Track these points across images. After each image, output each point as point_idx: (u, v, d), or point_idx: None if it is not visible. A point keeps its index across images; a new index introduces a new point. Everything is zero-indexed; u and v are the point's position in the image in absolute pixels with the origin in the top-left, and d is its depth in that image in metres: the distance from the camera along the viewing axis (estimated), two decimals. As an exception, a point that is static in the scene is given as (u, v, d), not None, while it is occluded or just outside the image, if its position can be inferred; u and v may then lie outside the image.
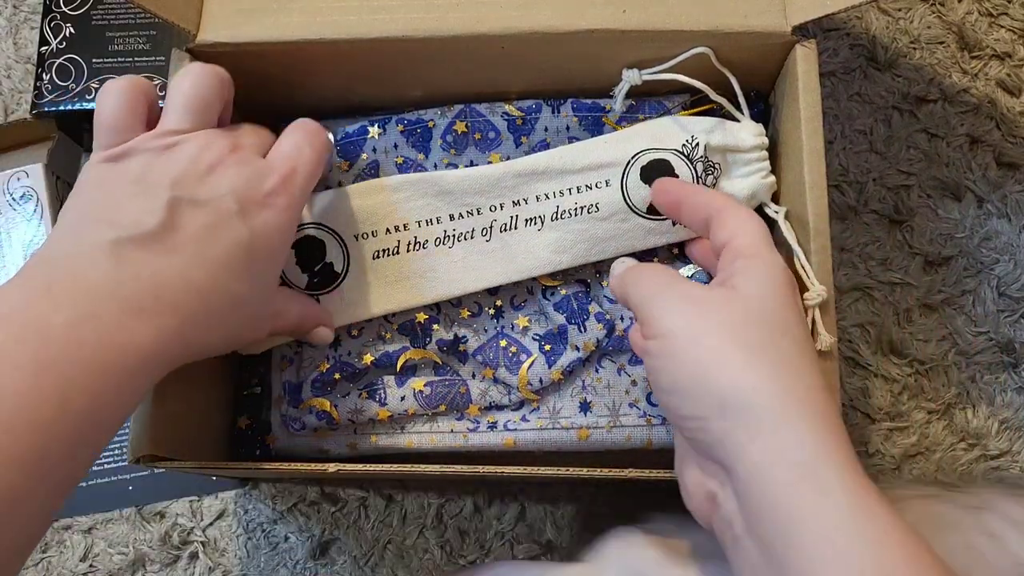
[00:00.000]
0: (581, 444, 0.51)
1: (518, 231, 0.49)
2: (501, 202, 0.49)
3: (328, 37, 0.48)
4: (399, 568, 0.55)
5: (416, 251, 0.48)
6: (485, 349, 0.51)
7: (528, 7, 0.48)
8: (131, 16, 0.62)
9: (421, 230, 0.48)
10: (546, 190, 0.48)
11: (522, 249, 0.49)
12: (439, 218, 0.48)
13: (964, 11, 0.64)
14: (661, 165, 0.48)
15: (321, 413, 0.50)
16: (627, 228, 0.48)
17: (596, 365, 0.52)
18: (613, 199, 0.48)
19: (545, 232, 0.48)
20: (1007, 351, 0.58)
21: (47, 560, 0.55)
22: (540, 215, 0.48)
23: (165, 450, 0.43)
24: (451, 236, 0.49)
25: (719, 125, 0.49)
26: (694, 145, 0.48)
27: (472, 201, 0.48)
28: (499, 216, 0.49)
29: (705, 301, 0.37)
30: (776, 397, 0.33)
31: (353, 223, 0.48)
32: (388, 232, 0.48)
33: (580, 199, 0.48)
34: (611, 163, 0.48)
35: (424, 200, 0.48)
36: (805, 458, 0.32)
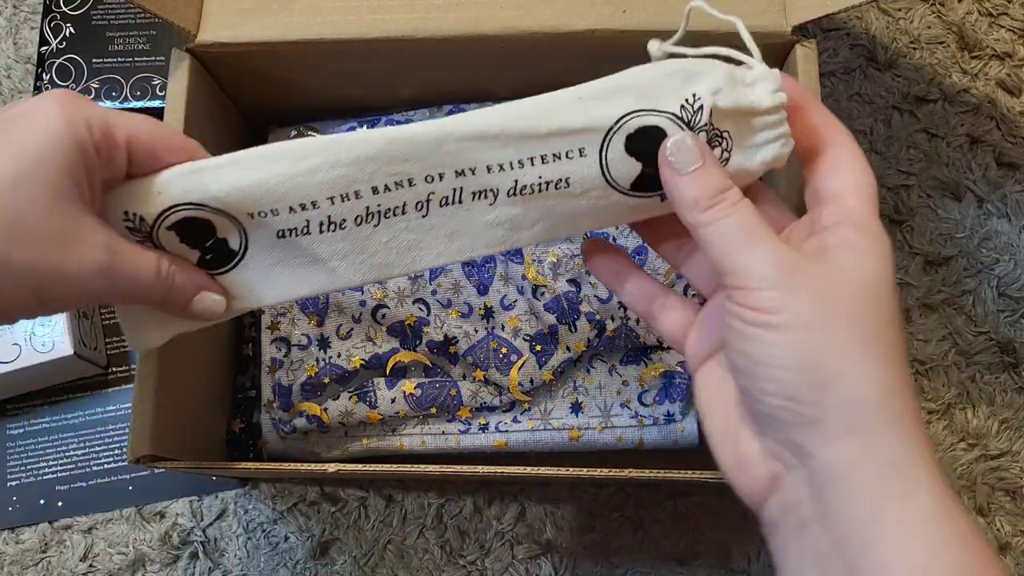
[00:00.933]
0: (572, 445, 0.51)
1: (463, 205, 0.38)
2: (441, 172, 0.37)
3: (328, 37, 0.48)
4: (399, 568, 0.55)
5: (331, 231, 0.38)
6: (475, 350, 0.51)
7: (528, 7, 0.48)
8: (131, 16, 0.61)
9: (335, 207, 0.37)
10: (499, 159, 0.37)
11: (470, 225, 0.38)
12: (358, 192, 0.37)
13: (964, 11, 0.64)
14: (653, 134, 0.36)
15: (311, 417, 0.50)
16: (606, 205, 0.38)
17: (587, 365, 0.52)
18: (588, 173, 0.37)
19: (499, 207, 0.38)
20: (1007, 351, 0.58)
21: (47, 560, 0.55)
22: (492, 188, 0.37)
23: (165, 450, 0.43)
24: (375, 213, 0.38)
25: (727, 77, 0.37)
26: (696, 108, 0.36)
27: (401, 170, 0.37)
28: (438, 188, 0.38)
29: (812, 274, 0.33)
30: (880, 392, 0.32)
31: (245, 200, 0.37)
32: (292, 211, 0.37)
33: (545, 172, 0.37)
34: (587, 128, 0.37)
35: (337, 171, 0.37)
36: (896, 457, 0.31)
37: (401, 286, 0.52)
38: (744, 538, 0.55)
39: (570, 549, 0.55)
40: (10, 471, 0.57)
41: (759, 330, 0.33)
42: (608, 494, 0.56)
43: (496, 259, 0.53)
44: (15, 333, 0.54)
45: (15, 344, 0.54)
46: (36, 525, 0.56)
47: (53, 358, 0.54)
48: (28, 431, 0.58)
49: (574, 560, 0.55)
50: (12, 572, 0.55)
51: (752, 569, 0.54)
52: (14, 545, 0.56)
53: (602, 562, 0.55)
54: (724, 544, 0.55)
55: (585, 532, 0.55)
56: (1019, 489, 0.56)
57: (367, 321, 0.52)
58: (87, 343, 0.56)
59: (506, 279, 0.52)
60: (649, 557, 0.55)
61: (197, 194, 0.37)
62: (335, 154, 0.37)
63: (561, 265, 0.52)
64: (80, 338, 0.55)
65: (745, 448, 0.35)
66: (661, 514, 0.55)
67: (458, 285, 0.52)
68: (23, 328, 0.54)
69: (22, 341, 0.54)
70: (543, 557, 0.55)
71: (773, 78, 0.37)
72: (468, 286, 0.52)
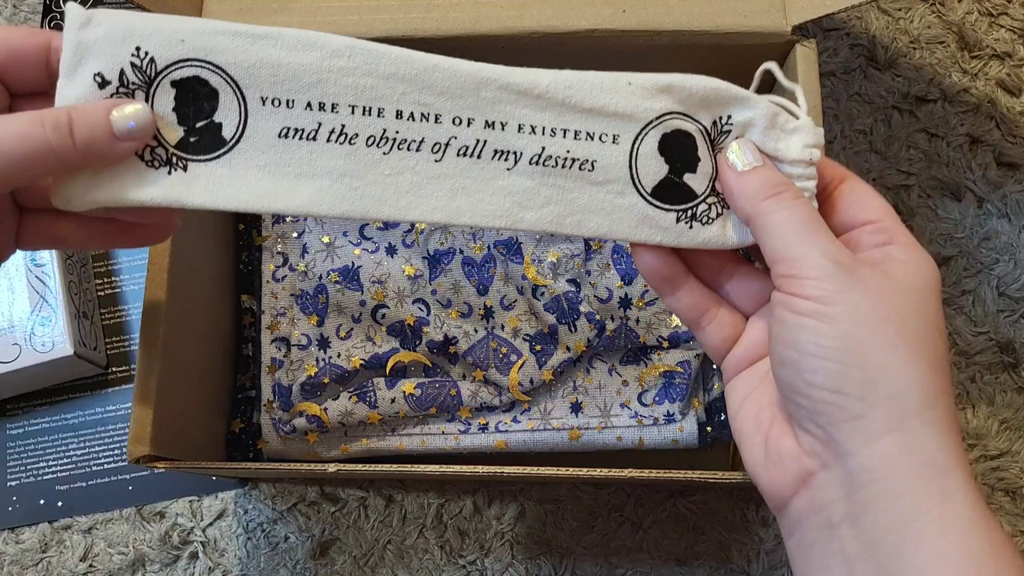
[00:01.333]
0: (572, 445, 0.51)
1: (481, 161, 0.36)
2: (470, 116, 0.36)
3: (328, 37, 0.48)
4: (399, 568, 0.55)
5: (339, 143, 0.35)
6: (475, 350, 0.51)
7: (528, 7, 0.48)
8: (131, 16, 0.61)
9: (353, 118, 0.35)
10: (535, 121, 0.36)
11: (480, 187, 0.36)
12: (382, 110, 0.35)
13: (964, 11, 0.64)
14: (685, 141, 0.37)
15: (311, 417, 0.50)
16: (619, 206, 0.37)
17: (587, 366, 0.52)
18: (616, 162, 0.36)
19: (516, 175, 0.36)
20: (1007, 351, 0.58)
21: (47, 560, 0.55)
22: (516, 151, 0.36)
23: (165, 450, 0.43)
24: (390, 139, 0.36)
25: (770, 119, 0.37)
26: (724, 130, 0.37)
27: (434, 102, 0.36)
28: (462, 134, 0.36)
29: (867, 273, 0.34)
30: (925, 394, 0.32)
31: (265, 80, 0.35)
32: (309, 107, 0.35)
33: (575, 148, 0.36)
34: (629, 115, 0.37)
35: (369, 80, 0.35)
36: (938, 459, 0.31)
37: (401, 286, 0.52)
38: (744, 538, 0.55)
39: (570, 549, 0.55)
40: (10, 471, 0.57)
41: (811, 320, 0.33)
42: (608, 494, 0.56)
43: (496, 259, 0.53)
44: (15, 333, 0.54)
45: (15, 344, 0.54)
46: (36, 525, 0.56)
47: (53, 358, 0.54)
48: (28, 431, 0.58)
49: (574, 560, 0.55)
50: (12, 572, 0.55)
51: (752, 569, 0.54)
52: (14, 545, 0.56)
53: (602, 562, 0.55)
54: (724, 544, 0.55)
55: (585, 532, 0.55)
56: (1019, 489, 0.56)
57: (367, 321, 0.52)
58: (87, 343, 0.56)
59: (506, 279, 0.52)
60: (649, 557, 0.55)
61: (222, 56, 0.35)
62: (373, 62, 0.35)
63: (561, 265, 0.52)
64: (80, 338, 0.55)
65: (776, 445, 0.35)
66: (661, 514, 0.55)
67: (458, 285, 0.52)
68: (23, 328, 0.55)
69: (22, 341, 0.54)
70: (543, 557, 0.55)
71: (814, 134, 0.37)
72: (468, 286, 0.52)
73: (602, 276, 0.53)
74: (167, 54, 0.34)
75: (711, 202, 0.37)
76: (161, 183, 0.34)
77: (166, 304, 0.44)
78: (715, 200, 0.37)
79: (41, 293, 0.55)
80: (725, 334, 0.38)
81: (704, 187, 0.37)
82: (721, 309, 0.38)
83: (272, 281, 0.53)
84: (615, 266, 0.53)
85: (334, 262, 0.53)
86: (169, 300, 0.44)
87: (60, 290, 0.55)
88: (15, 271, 0.56)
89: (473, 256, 0.52)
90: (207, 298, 0.51)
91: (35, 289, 0.55)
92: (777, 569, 0.54)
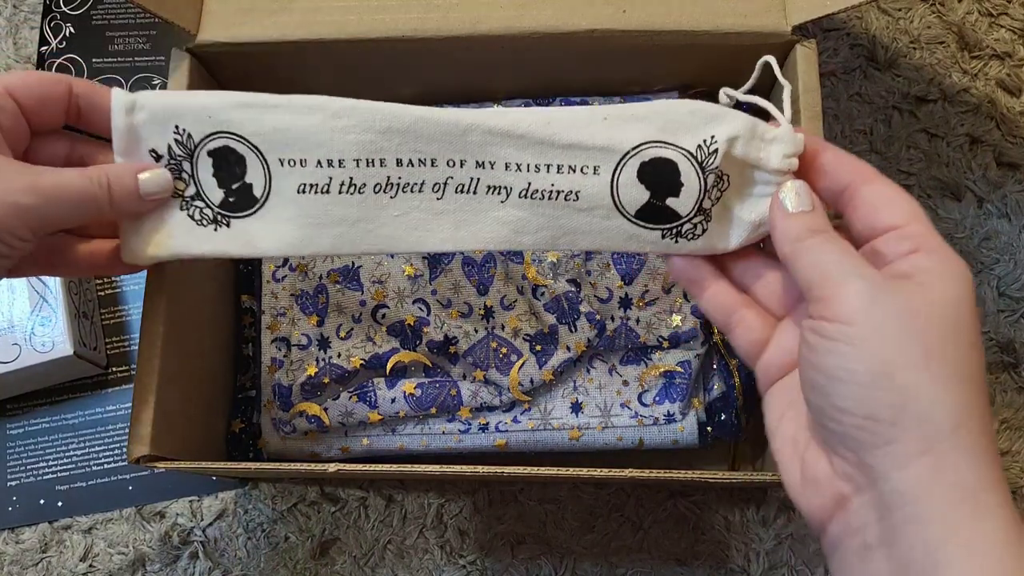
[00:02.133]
0: (572, 445, 0.51)
1: (476, 196, 0.40)
2: (462, 158, 0.39)
3: (328, 37, 0.48)
4: (399, 568, 0.55)
5: (350, 194, 0.39)
6: (476, 350, 0.51)
7: (528, 7, 0.48)
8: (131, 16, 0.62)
9: (359, 171, 0.39)
10: (519, 160, 0.39)
11: (478, 219, 0.40)
12: (383, 160, 0.39)
13: (964, 11, 0.64)
14: (665, 167, 0.38)
15: (311, 417, 0.50)
16: (607, 227, 0.39)
17: (587, 365, 0.52)
18: (598, 191, 0.38)
19: (509, 207, 0.39)
20: (1007, 351, 0.58)
21: (47, 560, 0.55)
22: (507, 186, 0.39)
23: (165, 450, 0.43)
24: (395, 185, 0.39)
25: (750, 131, 0.38)
26: (712, 150, 0.38)
27: (427, 149, 0.39)
28: (457, 174, 0.39)
29: (895, 291, 0.33)
30: (956, 414, 0.31)
31: (279, 143, 0.39)
32: (319, 165, 0.39)
33: (559, 181, 0.39)
34: (606, 148, 0.38)
35: (368, 136, 0.39)
36: (969, 481, 0.30)
37: (401, 286, 0.52)
38: (744, 538, 0.55)
39: (570, 549, 0.55)
40: (10, 471, 0.57)
41: (838, 344, 0.33)
42: (608, 494, 0.56)
43: (496, 259, 0.53)
44: (15, 333, 0.54)
45: (15, 344, 0.54)
46: (36, 525, 0.56)
47: (53, 358, 0.54)
48: (28, 431, 0.58)
49: (574, 560, 0.55)
50: (12, 572, 0.55)
51: (752, 569, 0.54)
52: (14, 545, 0.56)
53: (602, 562, 0.55)
54: (724, 544, 0.55)
55: (585, 532, 0.55)
56: (1019, 489, 0.56)
57: (367, 321, 0.52)
58: (87, 343, 0.56)
59: (506, 279, 0.53)
60: (649, 557, 0.55)
61: (243, 127, 0.40)
62: (369, 120, 0.39)
63: (561, 265, 0.52)
64: (80, 338, 0.55)
65: (812, 469, 0.34)
66: (661, 514, 0.55)
67: (458, 285, 0.52)
68: (23, 328, 0.54)
69: (22, 341, 0.54)
70: (543, 557, 0.55)
71: (792, 142, 0.38)
72: (468, 286, 0.52)
73: (602, 276, 0.53)
74: (200, 129, 0.40)
75: (696, 221, 0.39)
76: (210, 239, 0.41)
77: (166, 304, 0.44)
78: (701, 219, 0.39)
79: (41, 293, 0.55)
80: (754, 337, 0.38)
81: (690, 208, 0.38)
82: (750, 312, 0.38)
83: (272, 281, 0.53)
84: (615, 266, 0.53)
85: (334, 262, 0.53)
86: (169, 300, 0.44)
87: (60, 290, 0.55)
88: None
89: (473, 256, 0.52)
90: (207, 298, 0.51)
91: (35, 289, 0.55)
92: (777, 569, 0.54)
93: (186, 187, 0.41)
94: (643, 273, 0.52)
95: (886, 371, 0.32)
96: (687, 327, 0.51)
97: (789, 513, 0.55)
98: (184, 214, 0.41)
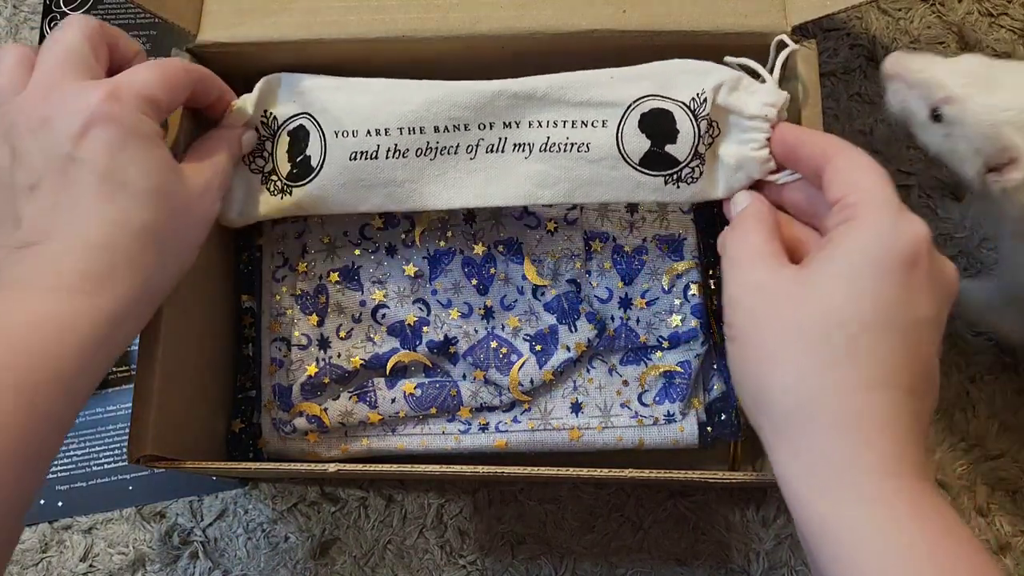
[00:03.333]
0: (573, 445, 0.51)
1: (504, 155, 0.46)
2: (492, 121, 0.46)
3: (328, 37, 0.48)
4: (399, 568, 0.55)
5: (395, 158, 0.45)
6: (476, 350, 0.51)
7: (528, 7, 0.48)
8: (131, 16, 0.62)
9: (403, 138, 0.45)
10: (540, 117, 0.45)
11: (506, 174, 0.46)
12: (423, 128, 0.45)
13: (964, 11, 0.64)
14: (663, 117, 0.44)
15: (311, 417, 0.50)
16: (615, 176, 0.45)
17: (587, 365, 0.52)
18: (606, 142, 0.45)
19: (532, 162, 0.45)
20: (1007, 352, 0.58)
21: (47, 560, 0.55)
22: (530, 142, 0.45)
23: (165, 450, 0.43)
24: (434, 148, 0.46)
25: (734, 82, 0.45)
26: (702, 100, 0.44)
27: (461, 115, 0.45)
28: (487, 136, 0.46)
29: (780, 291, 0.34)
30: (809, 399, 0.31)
31: (336, 118, 0.46)
32: (368, 134, 0.45)
33: (572, 135, 0.45)
34: (612, 103, 0.45)
35: (409, 107, 0.45)
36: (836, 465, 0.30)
37: (401, 286, 0.52)
38: (744, 538, 0.55)
39: (570, 549, 0.55)
40: (10, 471, 0.57)
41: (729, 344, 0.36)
42: (608, 494, 0.56)
43: (496, 259, 0.53)
44: (15, 333, 0.54)
45: (15, 344, 0.54)
46: (36, 525, 0.56)
47: (53, 358, 0.54)
48: (28, 431, 0.57)
49: (574, 560, 0.55)
50: (12, 572, 0.55)
51: (752, 569, 0.54)
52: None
53: (602, 562, 0.55)
54: (724, 544, 0.55)
55: (585, 532, 0.55)
56: (1019, 489, 0.56)
57: (367, 321, 0.52)
58: (87, 343, 0.56)
59: (506, 279, 0.53)
60: (649, 557, 0.55)
61: (315, 106, 0.47)
62: (410, 93, 0.46)
63: (561, 265, 0.52)
64: (80, 338, 0.55)
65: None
66: (661, 514, 0.55)
67: (458, 285, 0.52)
68: (23, 328, 0.54)
69: (22, 341, 0.54)
70: (543, 557, 0.55)
71: (772, 94, 0.44)
72: (468, 286, 0.52)
73: (602, 276, 0.53)
74: (285, 111, 0.48)
75: (693, 165, 0.45)
76: (279, 206, 0.48)
77: (166, 304, 0.44)
78: (697, 163, 0.45)
79: (41, 293, 0.55)
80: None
81: (686, 153, 0.45)
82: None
83: (272, 281, 0.53)
84: (615, 266, 0.53)
85: (334, 262, 0.53)
86: (169, 300, 0.44)
87: (60, 290, 0.55)
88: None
89: (473, 256, 0.52)
90: (207, 298, 0.51)
91: (35, 289, 0.55)
92: (777, 569, 0.54)
93: (265, 164, 0.48)
94: (643, 273, 0.52)
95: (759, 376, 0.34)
96: (687, 327, 0.52)
97: (789, 513, 0.55)
98: (264, 187, 0.48)
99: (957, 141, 0.45)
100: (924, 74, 0.45)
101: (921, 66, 0.46)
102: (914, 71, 0.46)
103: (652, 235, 0.52)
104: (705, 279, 0.52)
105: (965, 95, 0.44)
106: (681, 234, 0.52)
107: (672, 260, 0.52)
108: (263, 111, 0.48)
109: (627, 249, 0.53)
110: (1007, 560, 0.54)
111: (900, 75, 0.46)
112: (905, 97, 0.47)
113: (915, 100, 0.46)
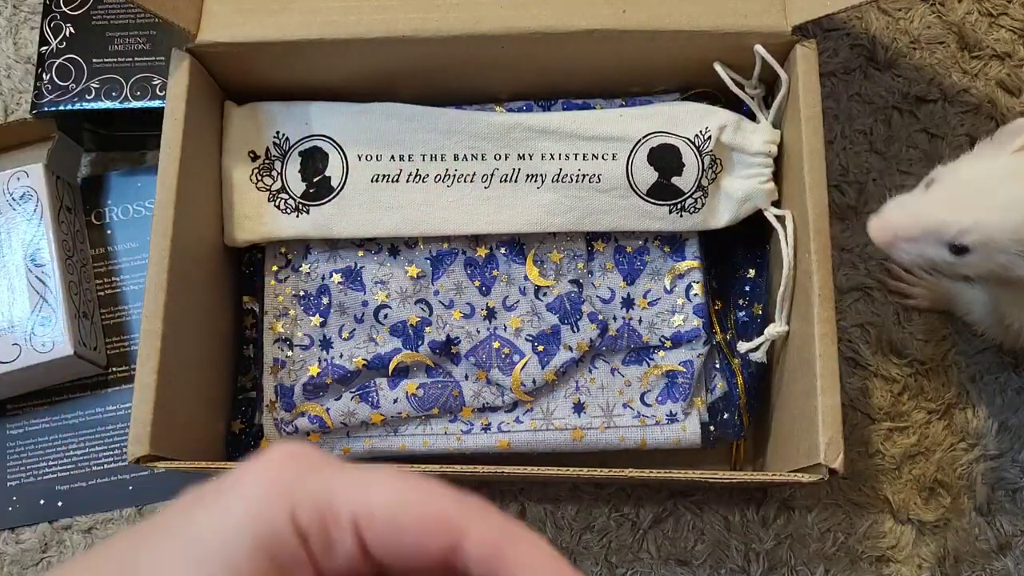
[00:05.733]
0: (575, 445, 0.51)
1: (517, 184, 0.49)
2: (507, 152, 0.49)
3: (328, 37, 0.48)
4: (399, 568, 0.55)
5: (415, 183, 0.49)
6: (478, 350, 0.51)
7: (528, 7, 0.48)
8: (131, 16, 0.61)
9: (424, 164, 0.49)
10: (553, 150, 0.49)
11: (518, 203, 0.49)
12: (443, 155, 0.49)
13: (964, 11, 0.64)
14: (670, 151, 0.49)
15: (313, 417, 0.50)
16: (624, 205, 0.49)
17: (590, 366, 0.52)
18: (616, 173, 0.49)
19: (544, 192, 0.49)
20: (1007, 352, 0.58)
21: (47, 560, 0.55)
22: (542, 173, 0.49)
23: (165, 450, 0.43)
24: (452, 176, 0.49)
25: (736, 123, 0.49)
26: (706, 137, 0.49)
27: (479, 146, 0.49)
28: (502, 166, 0.49)
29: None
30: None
31: (360, 142, 0.49)
32: (392, 159, 0.49)
33: (584, 166, 0.49)
34: (621, 137, 0.49)
35: (432, 135, 0.49)
36: None
37: (404, 287, 0.52)
38: (744, 538, 0.55)
39: (570, 549, 0.55)
40: (10, 471, 0.57)
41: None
42: (608, 494, 0.56)
43: (498, 260, 0.53)
44: (15, 333, 0.54)
45: (15, 344, 0.54)
46: (36, 525, 0.56)
47: (53, 358, 0.54)
48: (28, 431, 0.57)
49: (574, 560, 0.55)
50: (12, 572, 0.55)
51: (752, 569, 0.54)
52: (14, 545, 0.56)
53: (602, 562, 0.55)
54: (724, 544, 0.55)
55: (585, 532, 0.55)
56: (1019, 489, 0.56)
57: (369, 321, 0.52)
58: (87, 343, 0.56)
59: (508, 280, 0.53)
60: (649, 557, 0.55)
61: (332, 130, 0.50)
62: (433, 121, 0.49)
63: (563, 266, 0.52)
64: (80, 338, 0.55)
65: None
66: (661, 514, 0.55)
67: (460, 286, 0.52)
68: (23, 328, 0.54)
69: (22, 341, 0.54)
70: (543, 557, 0.55)
71: (770, 134, 0.49)
72: (471, 287, 0.52)
73: (604, 276, 0.53)
74: (297, 133, 0.50)
75: (696, 196, 0.50)
76: (293, 224, 0.50)
77: (166, 304, 0.44)
78: (700, 195, 0.50)
79: (41, 293, 0.55)
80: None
81: (691, 185, 0.49)
82: None
83: (275, 282, 0.53)
84: (617, 267, 0.53)
85: (337, 263, 0.53)
86: (169, 300, 0.44)
87: (60, 290, 0.55)
88: (15, 271, 0.56)
89: (475, 257, 0.52)
90: (207, 298, 0.51)
91: (35, 289, 0.55)
92: (777, 569, 0.54)
93: (273, 183, 0.50)
94: (645, 273, 0.52)
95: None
96: (689, 327, 0.52)
97: (789, 513, 0.55)
98: (272, 205, 0.50)
99: (997, 256, 0.42)
100: (918, 225, 0.43)
101: (902, 219, 0.43)
102: (905, 228, 0.43)
103: (654, 236, 0.52)
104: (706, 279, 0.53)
105: (973, 218, 0.41)
106: (683, 235, 0.53)
107: (674, 260, 0.52)
108: (275, 132, 0.50)
109: (629, 249, 0.53)
110: (1007, 560, 0.54)
111: (895, 239, 0.44)
112: (912, 251, 0.44)
113: (928, 249, 0.43)
